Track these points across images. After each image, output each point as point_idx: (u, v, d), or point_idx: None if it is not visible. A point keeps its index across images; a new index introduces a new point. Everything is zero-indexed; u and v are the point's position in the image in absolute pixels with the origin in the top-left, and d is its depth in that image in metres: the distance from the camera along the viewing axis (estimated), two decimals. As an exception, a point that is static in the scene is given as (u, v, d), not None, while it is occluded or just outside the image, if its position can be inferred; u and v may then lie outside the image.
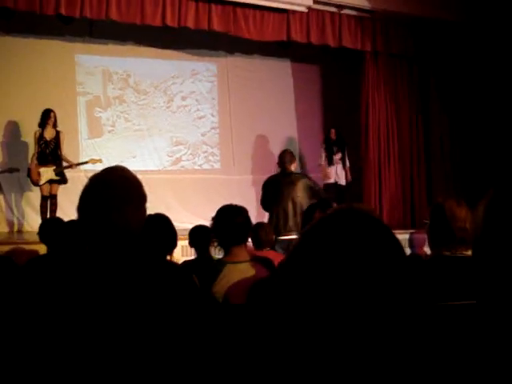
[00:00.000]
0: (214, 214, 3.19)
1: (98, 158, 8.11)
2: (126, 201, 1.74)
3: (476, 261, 1.22)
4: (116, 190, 1.74)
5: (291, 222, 6.17)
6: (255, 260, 3.13)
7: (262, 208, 6.54)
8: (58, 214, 7.35)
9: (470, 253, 2.54)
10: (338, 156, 9.25)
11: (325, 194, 6.72)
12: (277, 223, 6.13)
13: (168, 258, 3.46)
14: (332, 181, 9.15)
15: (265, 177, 7.77)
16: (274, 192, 6.31)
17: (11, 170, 8.20)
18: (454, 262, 2.59)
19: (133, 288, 1.64)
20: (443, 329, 1.20)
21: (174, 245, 3.42)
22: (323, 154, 9.33)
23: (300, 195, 6.21)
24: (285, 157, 6.53)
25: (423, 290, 2.49)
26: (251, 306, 2.35)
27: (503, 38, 9.08)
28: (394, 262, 0.92)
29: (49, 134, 7.79)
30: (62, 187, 7.78)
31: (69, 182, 7.72)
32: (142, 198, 1.82)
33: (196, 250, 4.56)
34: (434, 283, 2.51)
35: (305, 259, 0.94)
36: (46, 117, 7.78)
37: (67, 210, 6.74)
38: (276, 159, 6.87)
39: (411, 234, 8.12)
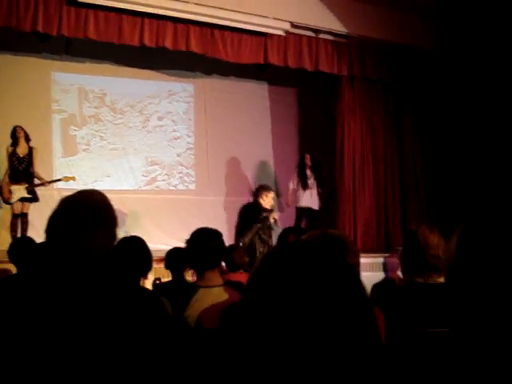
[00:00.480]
0: (187, 237, 3.17)
1: (71, 175, 8.02)
2: (95, 225, 1.72)
3: (449, 290, 1.23)
4: (85, 213, 1.72)
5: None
6: (228, 284, 3.11)
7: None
8: (30, 232, 7.25)
9: (442, 280, 2.55)
10: (311, 181, 9.23)
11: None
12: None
13: (142, 280, 3.43)
14: (304, 205, 9.11)
15: (239, 198, 8.00)
16: (242, 219, 7.51)
17: None
18: (426, 289, 2.60)
19: (96, 313, 1.61)
20: (415, 355, 1.20)
21: (149, 267, 3.39)
22: (295, 179, 9.27)
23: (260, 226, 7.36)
24: (255, 191, 7.92)
25: (396, 316, 2.50)
26: (224, 331, 2.33)
27: (476, 65, 9.26)
28: (346, 293, 0.92)
29: (22, 149, 7.70)
30: (35, 205, 7.67)
31: (41, 200, 7.61)
32: (111, 221, 1.80)
33: (171, 272, 4.54)
34: (406, 310, 2.52)
35: (258, 291, 0.94)
36: (15, 133, 7.70)
37: (39, 229, 6.63)
38: (251, 181, 7.21)
39: (385, 258, 8.17)
